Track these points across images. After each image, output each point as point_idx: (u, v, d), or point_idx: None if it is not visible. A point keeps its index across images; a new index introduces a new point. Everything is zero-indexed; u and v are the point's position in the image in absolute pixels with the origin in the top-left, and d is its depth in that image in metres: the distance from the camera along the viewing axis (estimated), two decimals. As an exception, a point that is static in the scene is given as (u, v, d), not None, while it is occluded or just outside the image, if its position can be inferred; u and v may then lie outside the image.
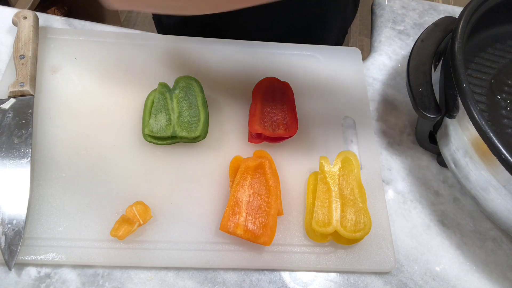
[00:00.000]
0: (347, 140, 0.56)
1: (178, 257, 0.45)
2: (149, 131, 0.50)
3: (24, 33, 0.56)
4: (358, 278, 0.47)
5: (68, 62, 0.57)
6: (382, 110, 0.60)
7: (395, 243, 0.49)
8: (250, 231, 0.45)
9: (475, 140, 0.43)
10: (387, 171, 0.55)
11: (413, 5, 0.72)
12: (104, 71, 0.57)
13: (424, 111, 0.47)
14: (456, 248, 0.50)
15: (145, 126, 0.51)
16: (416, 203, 0.53)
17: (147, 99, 0.53)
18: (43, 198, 0.47)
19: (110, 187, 0.49)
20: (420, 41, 0.53)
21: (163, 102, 0.52)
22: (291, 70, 0.61)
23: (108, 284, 0.44)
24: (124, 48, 0.59)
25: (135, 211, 0.46)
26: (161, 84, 0.53)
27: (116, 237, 0.44)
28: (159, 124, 0.50)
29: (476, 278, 0.48)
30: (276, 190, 0.48)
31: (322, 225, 0.46)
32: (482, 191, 0.45)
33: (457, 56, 0.45)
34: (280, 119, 0.53)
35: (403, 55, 0.66)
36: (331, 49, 0.63)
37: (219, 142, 0.53)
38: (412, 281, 0.47)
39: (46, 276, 0.44)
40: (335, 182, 0.49)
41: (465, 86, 0.43)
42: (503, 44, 0.57)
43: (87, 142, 0.51)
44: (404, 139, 0.57)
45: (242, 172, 0.48)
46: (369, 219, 0.47)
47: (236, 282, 0.45)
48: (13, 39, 0.59)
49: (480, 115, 0.41)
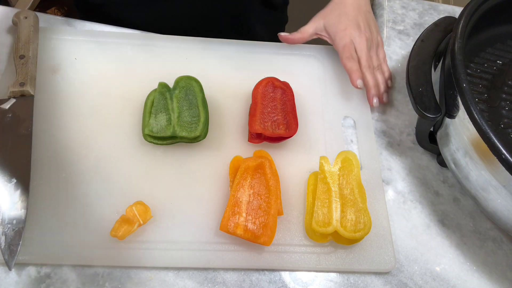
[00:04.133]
0: (347, 140, 0.56)
1: (178, 257, 0.45)
2: (149, 131, 0.50)
3: (24, 33, 0.56)
4: (358, 278, 0.47)
5: (68, 62, 0.57)
6: (382, 110, 0.60)
7: (395, 243, 0.49)
8: (250, 231, 0.45)
9: (475, 140, 0.43)
10: (387, 171, 0.55)
11: (413, 5, 0.72)
12: (104, 71, 0.57)
13: (424, 111, 0.47)
14: (456, 248, 0.50)
15: (145, 126, 0.51)
16: (416, 203, 0.53)
17: (147, 99, 0.53)
18: (43, 198, 0.47)
19: (110, 187, 0.49)
20: (420, 41, 0.53)
21: (163, 102, 0.52)
22: (291, 70, 0.61)
23: (108, 284, 0.44)
24: (124, 48, 0.59)
25: (135, 211, 0.46)
26: (161, 84, 0.53)
27: (116, 237, 0.44)
28: (159, 124, 0.50)
29: (476, 278, 0.48)
30: (276, 190, 0.48)
31: (322, 225, 0.46)
32: (482, 191, 0.45)
33: (457, 56, 0.45)
34: (280, 119, 0.53)
35: (403, 55, 0.66)
36: (331, 49, 0.63)
37: (219, 142, 0.53)
38: (412, 281, 0.47)
39: (46, 276, 0.44)
40: (335, 182, 0.49)
41: (465, 86, 0.43)
42: (503, 44, 0.57)
43: (87, 142, 0.51)
44: (404, 139, 0.57)
45: (242, 172, 0.48)
46: (369, 219, 0.47)
47: (236, 282, 0.45)
48: (13, 39, 0.59)
49: (480, 115, 0.41)
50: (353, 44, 0.57)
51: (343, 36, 0.57)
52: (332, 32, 0.58)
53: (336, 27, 0.58)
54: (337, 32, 0.58)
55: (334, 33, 0.58)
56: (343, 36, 0.57)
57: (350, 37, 0.57)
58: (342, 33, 0.57)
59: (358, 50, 0.57)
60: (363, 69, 0.57)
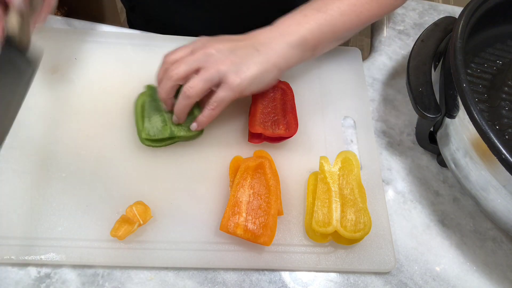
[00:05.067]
0: (347, 140, 0.56)
1: (178, 257, 0.45)
2: (146, 134, 0.49)
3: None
4: (358, 278, 0.47)
5: (68, 62, 0.57)
6: (382, 110, 0.60)
7: (395, 243, 0.49)
8: (250, 231, 0.45)
9: (475, 140, 0.43)
10: (387, 171, 0.55)
11: (413, 5, 0.72)
12: (104, 71, 0.57)
13: (424, 111, 0.47)
14: (456, 248, 0.50)
15: (141, 130, 0.50)
16: (416, 203, 0.53)
17: (136, 104, 0.52)
18: (43, 198, 0.47)
19: (110, 187, 0.49)
20: (420, 41, 0.53)
21: (154, 104, 0.51)
22: (291, 70, 0.61)
23: (108, 284, 0.44)
24: (124, 48, 0.59)
25: (135, 211, 0.46)
26: (149, 86, 0.53)
27: (116, 237, 0.44)
28: (155, 127, 0.50)
29: (476, 278, 0.48)
30: (276, 190, 0.48)
31: (322, 225, 0.46)
32: (482, 191, 0.45)
33: (457, 56, 0.45)
34: (280, 119, 0.53)
35: (403, 55, 0.66)
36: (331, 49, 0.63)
37: (219, 142, 0.53)
38: (412, 281, 0.47)
39: (46, 276, 0.44)
40: (335, 182, 0.49)
41: (465, 86, 0.43)
42: (503, 44, 0.57)
43: (87, 142, 0.51)
44: (404, 139, 0.57)
45: (242, 172, 0.48)
46: (369, 219, 0.47)
47: (236, 282, 0.45)
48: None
49: (480, 115, 0.41)
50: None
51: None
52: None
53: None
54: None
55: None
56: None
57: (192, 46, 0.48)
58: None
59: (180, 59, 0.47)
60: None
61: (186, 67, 0.46)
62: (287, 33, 0.49)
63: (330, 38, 0.52)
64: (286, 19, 0.51)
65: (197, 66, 0.46)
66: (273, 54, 0.48)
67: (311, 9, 0.51)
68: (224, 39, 0.48)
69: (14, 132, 0.51)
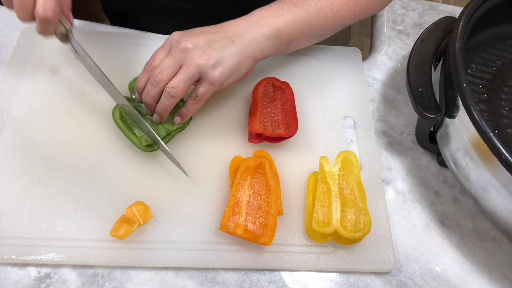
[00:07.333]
0: (347, 140, 0.56)
1: (178, 257, 0.45)
2: (145, 141, 0.49)
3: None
4: (358, 278, 0.47)
5: (68, 62, 0.57)
6: (382, 110, 0.60)
7: (395, 243, 0.49)
8: (250, 231, 0.45)
9: (475, 140, 0.43)
10: (387, 171, 0.55)
11: (413, 5, 0.72)
12: (104, 71, 0.57)
13: (424, 111, 0.47)
14: (456, 248, 0.50)
15: (139, 141, 0.49)
16: (416, 203, 0.53)
17: (115, 119, 0.50)
18: (43, 198, 0.47)
19: (110, 187, 0.49)
20: (420, 41, 0.53)
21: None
22: (291, 70, 0.61)
23: (108, 284, 0.44)
24: (124, 48, 0.59)
25: (135, 211, 0.46)
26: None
27: (116, 237, 0.44)
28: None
29: (476, 278, 0.48)
30: (276, 190, 0.48)
31: (322, 225, 0.46)
32: (482, 191, 0.45)
33: (457, 56, 0.45)
34: (280, 119, 0.53)
35: (403, 55, 0.66)
36: (331, 49, 0.63)
37: (219, 142, 0.53)
38: (412, 281, 0.47)
39: (46, 276, 0.44)
40: (335, 182, 0.49)
41: (465, 86, 0.43)
42: (503, 44, 0.57)
43: (87, 142, 0.51)
44: (404, 139, 0.57)
45: (242, 172, 0.48)
46: (369, 219, 0.47)
47: (236, 282, 0.45)
48: (14, 40, 0.59)
49: (480, 115, 0.41)
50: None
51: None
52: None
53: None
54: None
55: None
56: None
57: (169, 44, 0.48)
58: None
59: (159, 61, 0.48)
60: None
61: (169, 70, 0.47)
62: (261, 24, 0.49)
63: (305, 34, 0.52)
64: (263, 10, 0.51)
65: (178, 66, 0.47)
66: (248, 44, 0.48)
67: (288, 3, 0.51)
68: (198, 32, 0.49)
69: (14, 132, 0.51)
